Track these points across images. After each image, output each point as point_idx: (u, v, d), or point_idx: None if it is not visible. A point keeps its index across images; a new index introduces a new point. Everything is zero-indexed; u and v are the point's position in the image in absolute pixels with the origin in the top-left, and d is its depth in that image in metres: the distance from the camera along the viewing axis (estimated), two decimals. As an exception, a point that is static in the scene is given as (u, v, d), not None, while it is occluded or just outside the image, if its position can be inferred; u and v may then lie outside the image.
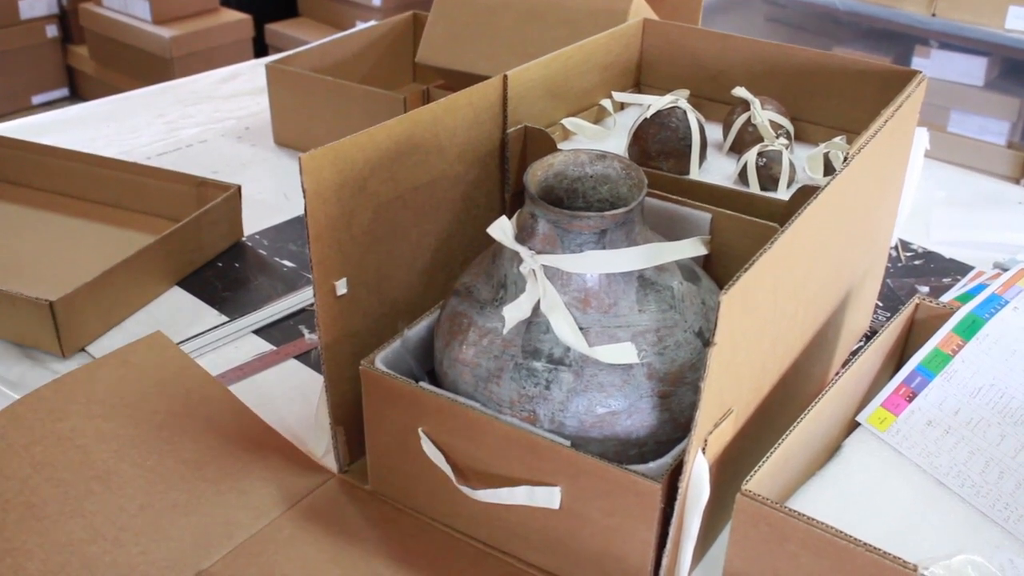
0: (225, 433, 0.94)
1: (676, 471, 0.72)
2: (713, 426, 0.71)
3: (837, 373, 0.80)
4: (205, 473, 0.89)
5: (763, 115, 1.08)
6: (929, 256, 1.33)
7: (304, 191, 0.77)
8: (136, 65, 3.30)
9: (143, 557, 0.81)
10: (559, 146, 1.00)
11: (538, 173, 0.81)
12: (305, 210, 0.78)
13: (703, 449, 0.71)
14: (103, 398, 0.94)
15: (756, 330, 0.73)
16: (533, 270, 0.77)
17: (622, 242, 0.77)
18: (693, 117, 1.06)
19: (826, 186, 0.78)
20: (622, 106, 1.19)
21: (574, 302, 0.77)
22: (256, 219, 1.34)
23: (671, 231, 0.88)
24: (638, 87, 1.24)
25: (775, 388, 0.82)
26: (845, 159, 0.81)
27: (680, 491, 0.72)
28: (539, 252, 0.77)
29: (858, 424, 0.82)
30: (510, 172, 1.00)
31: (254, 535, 0.84)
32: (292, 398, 1.01)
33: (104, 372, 0.97)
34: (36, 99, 3.52)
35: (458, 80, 1.37)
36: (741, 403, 0.76)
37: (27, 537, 0.81)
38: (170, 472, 0.88)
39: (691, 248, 0.81)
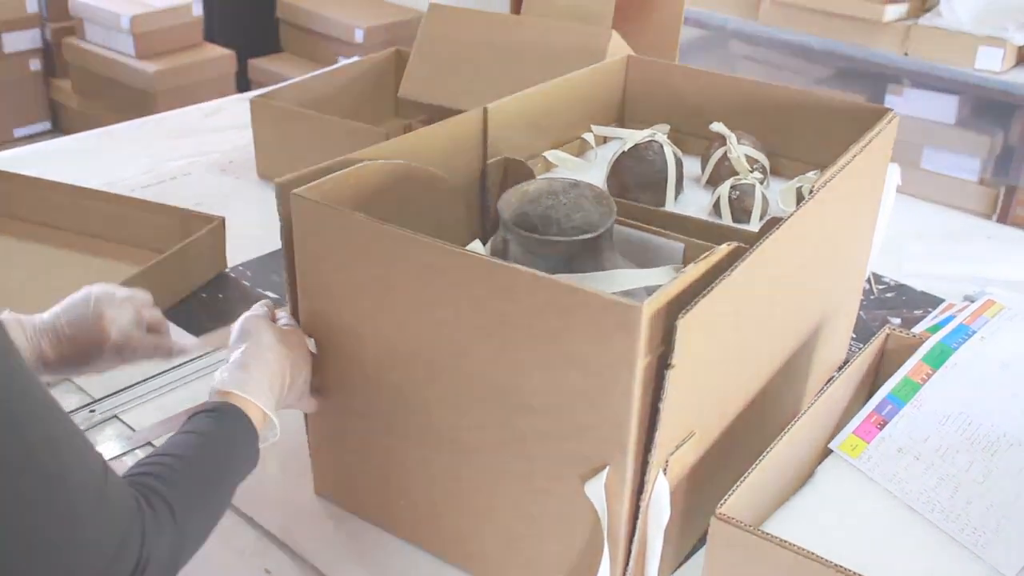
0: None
1: (639, 490, 0.74)
2: (675, 447, 0.73)
3: (810, 402, 0.81)
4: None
5: (739, 150, 1.10)
6: (901, 289, 1.35)
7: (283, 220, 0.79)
8: (119, 99, 3.31)
9: None
10: (539, 177, 1.02)
11: (512, 200, 0.84)
12: (288, 242, 0.79)
13: (664, 470, 0.72)
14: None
15: (717, 354, 0.75)
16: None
17: (591, 267, 0.80)
18: (669, 151, 1.08)
19: (789, 216, 0.80)
20: (604, 140, 1.22)
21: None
22: (240, 250, 1.35)
23: (645, 259, 0.90)
24: (622, 121, 1.26)
25: (743, 413, 0.84)
26: (811, 191, 0.84)
27: (642, 510, 0.73)
28: (511, 276, 0.79)
29: (830, 451, 0.83)
30: (490, 202, 1.01)
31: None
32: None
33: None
34: (19, 132, 3.52)
35: (441, 115, 1.38)
36: (704, 426, 0.77)
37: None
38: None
39: (657, 276, 0.82)
